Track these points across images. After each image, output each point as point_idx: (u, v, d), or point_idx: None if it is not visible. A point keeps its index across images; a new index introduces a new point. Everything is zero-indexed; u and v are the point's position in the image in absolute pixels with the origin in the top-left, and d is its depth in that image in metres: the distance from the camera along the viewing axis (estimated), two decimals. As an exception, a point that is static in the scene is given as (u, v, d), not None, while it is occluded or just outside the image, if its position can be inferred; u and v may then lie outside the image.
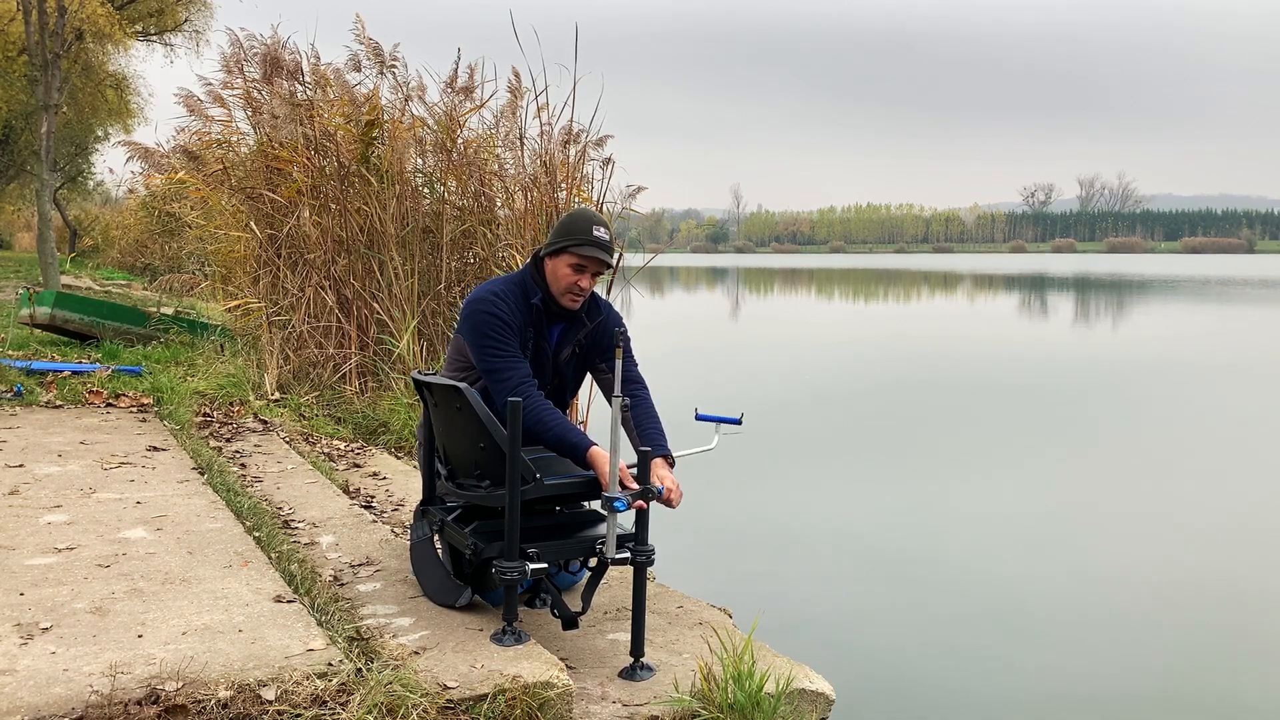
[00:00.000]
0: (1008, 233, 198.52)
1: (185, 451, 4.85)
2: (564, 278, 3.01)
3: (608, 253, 3.02)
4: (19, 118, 25.80)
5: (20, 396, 5.99)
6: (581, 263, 3.00)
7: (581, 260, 2.99)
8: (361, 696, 2.25)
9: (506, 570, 2.63)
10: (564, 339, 3.15)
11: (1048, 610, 4.57)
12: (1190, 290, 35.83)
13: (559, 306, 3.07)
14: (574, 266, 3.00)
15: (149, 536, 3.39)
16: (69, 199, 36.13)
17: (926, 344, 17.15)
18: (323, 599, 2.92)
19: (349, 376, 7.07)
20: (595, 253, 2.98)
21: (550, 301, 3.06)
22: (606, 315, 3.20)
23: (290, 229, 7.33)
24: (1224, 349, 16.43)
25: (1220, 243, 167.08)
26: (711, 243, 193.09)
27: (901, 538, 5.63)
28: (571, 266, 3.00)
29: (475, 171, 7.42)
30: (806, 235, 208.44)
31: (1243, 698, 3.77)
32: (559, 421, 2.90)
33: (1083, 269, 67.44)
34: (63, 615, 2.63)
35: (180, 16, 22.03)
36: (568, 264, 3.00)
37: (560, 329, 3.15)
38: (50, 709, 2.09)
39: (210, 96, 8.04)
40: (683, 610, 3.31)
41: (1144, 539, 5.68)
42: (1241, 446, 8.33)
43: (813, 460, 7.87)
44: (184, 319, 9.36)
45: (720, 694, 2.54)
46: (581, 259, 2.99)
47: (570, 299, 3.05)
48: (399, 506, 4.56)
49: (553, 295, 3.05)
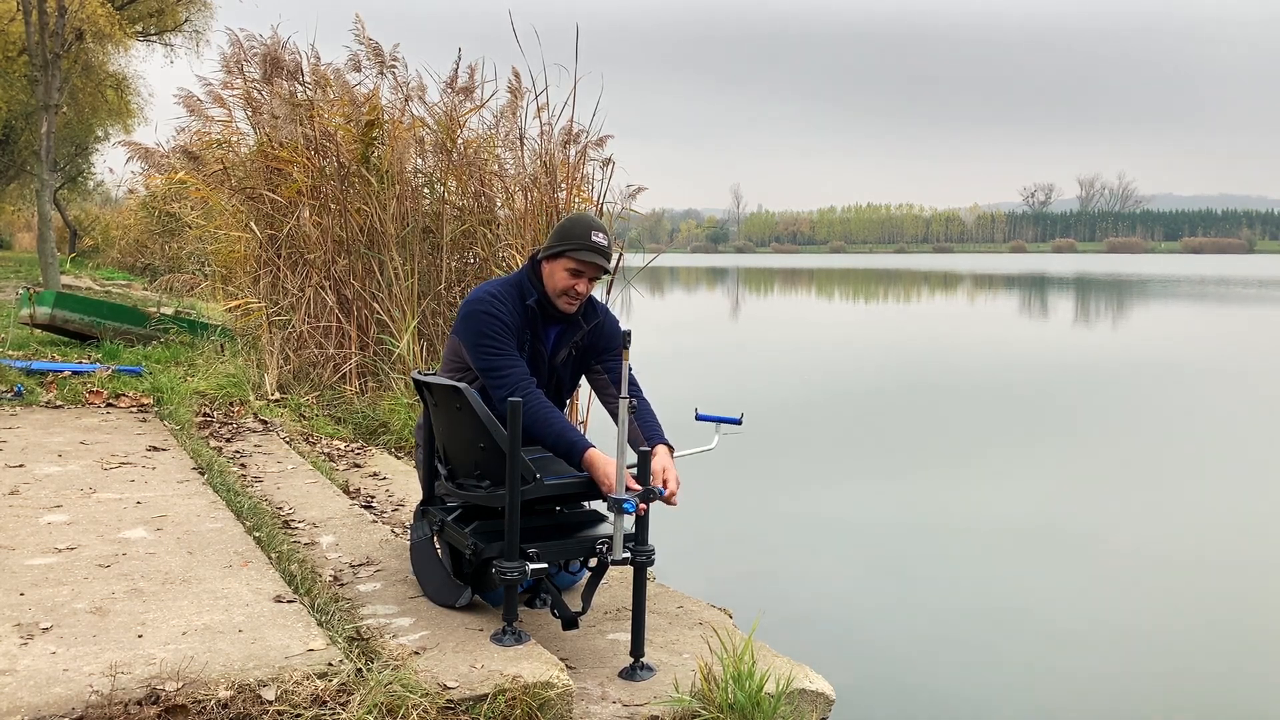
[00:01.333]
0: (1008, 233, 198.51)
1: (185, 451, 4.85)
2: (561, 281, 3.02)
3: (605, 258, 3.03)
4: (19, 118, 25.79)
5: (20, 396, 5.99)
6: (579, 268, 3.01)
7: (579, 265, 3.00)
8: (361, 696, 2.25)
9: (506, 570, 2.63)
10: (560, 341, 3.15)
11: (1047, 610, 4.57)
12: (1190, 290, 35.83)
13: (555, 309, 3.07)
14: (571, 271, 3.01)
15: (149, 536, 3.39)
16: (69, 199, 36.10)
17: (927, 344, 17.16)
18: (323, 599, 2.92)
19: (349, 376, 7.07)
20: (593, 258, 2.99)
21: (547, 304, 3.07)
22: (604, 318, 3.22)
23: (290, 229, 7.33)
24: (1224, 349, 16.43)
25: (1220, 243, 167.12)
26: (711, 243, 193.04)
27: (902, 538, 5.63)
28: (569, 271, 3.01)
29: (475, 172, 7.42)
30: (806, 235, 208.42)
31: (1243, 698, 3.77)
32: (559, 420, 2.89)
33: (1082, 269, 67.46)
34: (63, 615, 2.63)
35: (180, 16, 22.03)
36: (565, 268, 3.01)
37: (557, 331, 3.15)
38: (50, 709, 2.09)
39: (210, 97, 8.04)
40: (683, 610, 3.31)
41: (1144, 539, 5.68)
42: (1242, 447, 8.32)
43: (813, 460, 7.87)
44: (184, 319, 9.36)
45: (720, 694, 2.54)
46: (579, 264, 3.00)
47: (566, 302, 3.06)
48: (399, 506, 4.56)
49: (549, 298, 3.06)
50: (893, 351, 15.96)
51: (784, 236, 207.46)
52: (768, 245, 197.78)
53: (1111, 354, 15.56)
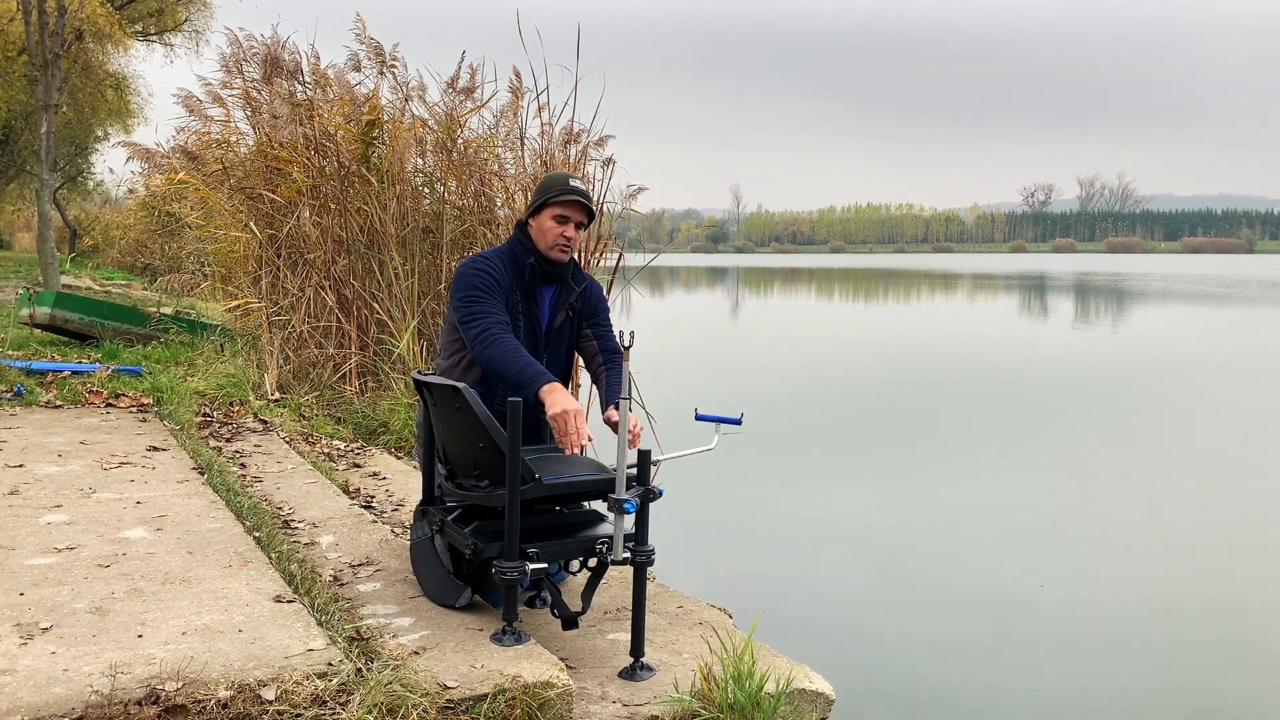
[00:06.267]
0: (1008, 233, 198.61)
1: (185, 451, 4.85)
2: (550, 231, 3.16)
3: (587, 199, 3.18)
4: (19, 118, 25.79)
5: (20, 396, 5.99)
6: (564, 213, 3.14)
7: (564, 210, 3.14)
8: (361, 696, 2.25)
9: (506, 570, 2.63)
10: (557, 304, 3.26)
11: (1048, 610, 4.57)
12: (1190, 290, 35.83)
13: (550, 264, 3.19)
14: (557, 218, 3.15)
15: (149, 536, 3.39)
16: (69, 199, 36.12)
17: (927, 344, 17.15)
18: (323, 599, 2.92)
19: (349, 376, 7.07)
20: (575, 197, 3.14)
21: (542, 262, 3.18)
22: (590, 282, 3.37)
23: (290, 229, 7.33)
24: (1228, 348, 16.42)
25: (1220, 243, 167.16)
26: (711, 243, 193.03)
27: (902, 538, 5.64)
28: (555, 219, 3.15)
29: (475, 171, 7.42)
30: (806, 235, 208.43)
31: (1244, 700, 3.76)
32: (526, 357, 2.94)
33: (1083, 269, 67.44)
34: (63, 615, 2.63)
35: (180, 16, 22.04)
36: (551, 216, 3.15)
37: (552, 293, 3.26)
38: (50, 709, 2.09)
39: (210, 97, 8.04)
40: (683, 610, 3.31)
41: (1145, 539, 5.68)
42: (1243, 447, 8.32)
43: (813, 460, 7.87)
44: (184, 319, 9.36)
45: (720, 694, 2.54)
46: (563, 208, 3.14)
47: (559, 251, 3.17)
48: (399, 506, 4.56)
49: (543, 254, 3.18)
50: (893, 351, 15.95)
51: (784, 236, 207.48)
52: (768, 245, 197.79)
53: (1112, 353, 15.56)
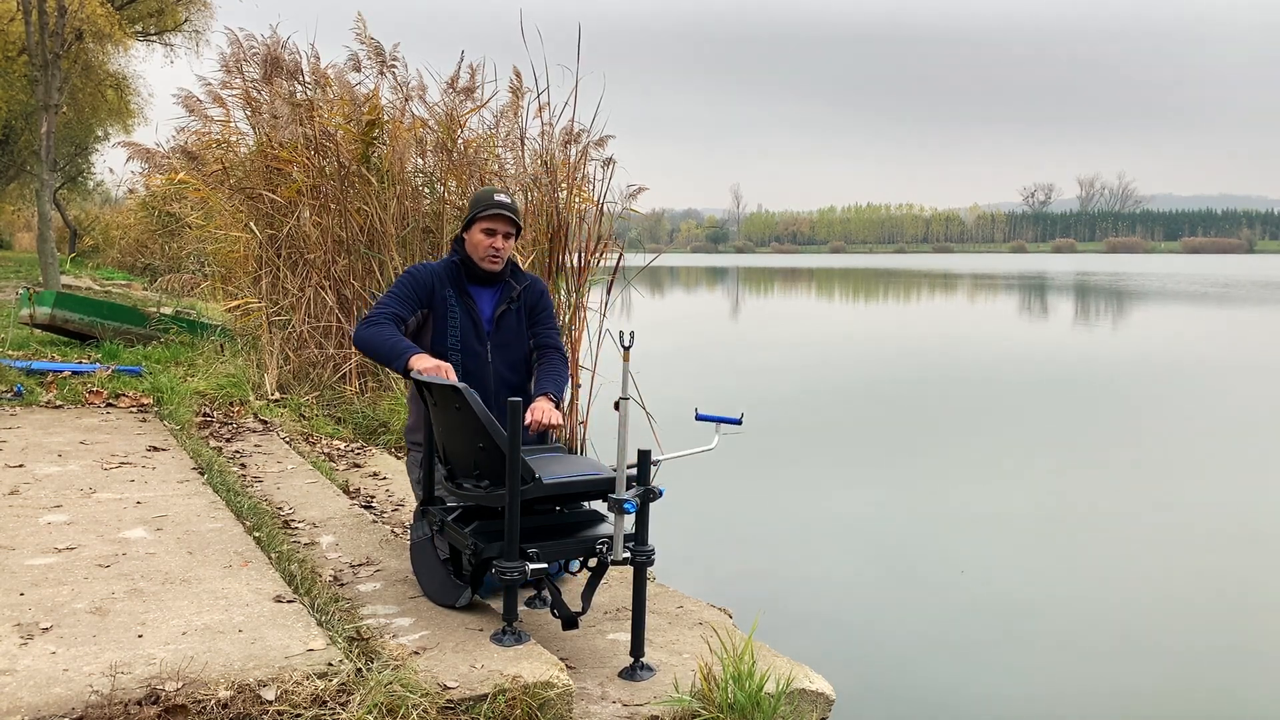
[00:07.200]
0: (1008, 233, 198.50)
1: (185, 451, 4.85)
2: (480, 244, 3.44)
3: (513, 212, 3.45)
4: (19, 118, 25.79)
5: (20, 396, 5.99)
6: (490, 225, 3.42)
7: (490, 224, 3.42)
8: (361, 696, 2.25)
9: (506, 570, 2.63)
10: (499, 300, 3.51)
11: (1048, 610, 4.57)
12: (1189, 289, 35.84)
13: (482, 271, 3.46)
14: (485, 230, 3.43)
15: (149, 536, 3.39)
16: (69, 199, 36.12)
17: (927, 343, 17.15)
18: (323, 599, 2.92)
19: (349, 376, 7.07)
20: (499, 211, 3.41)
21: (473, 266, 3.46)
22: (531, 281, 3.63)
23: (290, 229, 7.33)
24: (1229, 347, 16.43)
25: (1220, 243, 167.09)
26: (711, 243, 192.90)
27: (902, 538, 5.64)
28: (484, 231, 3.43)
29: (476, 172, 7.42)
30: (806, 235, 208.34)
31: (1244, 700, 3.77)
32: (396, 335, 3.20)
33: (1083, 269, 67.46)
34: (63, 615, 2.63)
35: (180, 16, 22.04)
36: (480, 229, 3.43)
37: (492, 292, 3.52)
38: (50, 709, 2.09)
39: (210, 97, 8.04)
40: (683, 610, 3.31)
41: (1146, 539, 5.68)
42: (1245, 446, 8.32)
43: (813, 460, 7.87)
44: (184, 319, 9.36)
45: (720, 694, 2.54)
46: (490, 222, 3.42)
47: (490, 262, 3.45)
48: (399, 506, 4.56)
49: (476, 264, 3.46)
50: (893, 351, 15.95)
51: (784, 236, 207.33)
52: (768, 245, 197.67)
53: (1112, 353, 15.55)
